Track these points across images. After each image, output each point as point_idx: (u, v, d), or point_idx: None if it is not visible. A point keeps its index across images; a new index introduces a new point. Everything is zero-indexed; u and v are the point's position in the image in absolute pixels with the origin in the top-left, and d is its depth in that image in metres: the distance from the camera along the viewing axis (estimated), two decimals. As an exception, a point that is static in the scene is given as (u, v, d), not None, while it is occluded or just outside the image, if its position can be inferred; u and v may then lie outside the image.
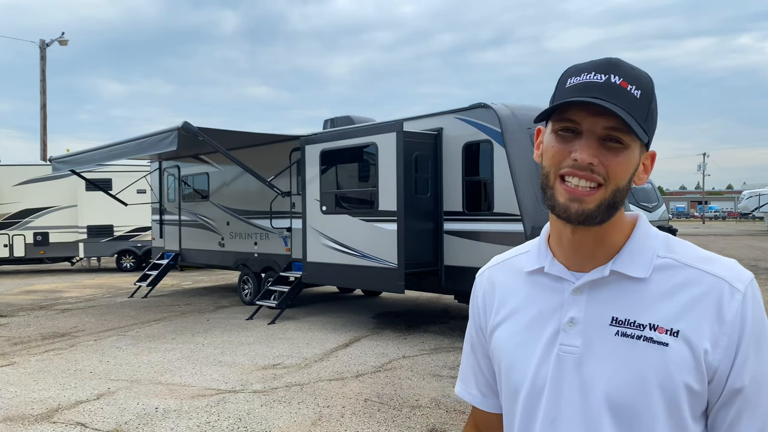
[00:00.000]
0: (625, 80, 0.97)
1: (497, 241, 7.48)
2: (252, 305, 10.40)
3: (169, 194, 13.65)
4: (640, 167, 1.02)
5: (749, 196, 41.63)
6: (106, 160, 10.74)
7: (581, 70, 1.00)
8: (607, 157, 0.96)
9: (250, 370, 6.53)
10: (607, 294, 1.02)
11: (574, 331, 1.02)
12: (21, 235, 17.30)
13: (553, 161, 1.00)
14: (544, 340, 1.05)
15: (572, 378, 1.00)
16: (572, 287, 1.04)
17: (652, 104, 0.99)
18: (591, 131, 0.96)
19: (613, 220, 1.01)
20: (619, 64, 0.99)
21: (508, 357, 1.10)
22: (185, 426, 4.81)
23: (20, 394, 5.72)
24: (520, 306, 1.10)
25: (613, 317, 1.00)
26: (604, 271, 1.01)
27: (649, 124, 0.98)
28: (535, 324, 1.07)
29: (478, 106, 7.76)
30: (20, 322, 9.64)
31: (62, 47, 25.40)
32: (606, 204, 0.98)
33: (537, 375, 1.04)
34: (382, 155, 8.02)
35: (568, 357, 1.01)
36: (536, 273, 1.10)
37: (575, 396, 1.00)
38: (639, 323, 0.98)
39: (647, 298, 0.99)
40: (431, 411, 5.12)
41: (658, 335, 0.96)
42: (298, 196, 9.88)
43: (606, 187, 0.97)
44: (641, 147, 1.00)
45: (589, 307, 1.02)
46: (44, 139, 23.90)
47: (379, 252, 8.04)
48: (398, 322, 9.24)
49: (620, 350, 0.98)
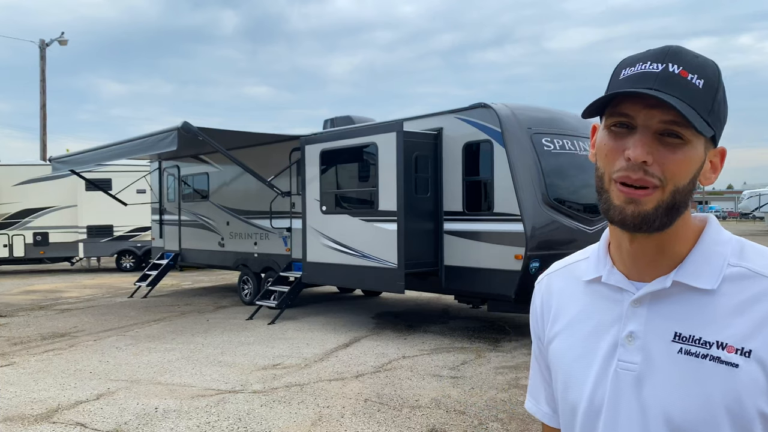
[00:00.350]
0: (685, 69, 0.88)
1: (497, 241, 7.47)
2: (252, 305, 10.40)
3: (168, 194, 13.64)
4: (707, 165, 0.93)
5: (750, 196, 41.64)
6: (105, 160, 10.74)
7: (636, 61, 0.92)
8: (664, 154, 0.88)
9: (250, 370, 6.52)
10: (670, 307, 0.93)
11: (633, 346, 0.94)
12: (21, 235, 17.29)
13: (607, 161, 0.92)
14: (602, 355, 0.97)
15: (631, 398, 0.93)
16: (631, 298, 0.96)
17: (718, 95, 0.90)
18: (646, 126, 0.88)
19: (677, 225, 0.92)
20: (680, 52, 0.90)
21: (564, 372, 1.03)
22: (185, 426, 4.80)
23: (20, 394, 5.72)
24: (578, 317, 1.03)
25: (676, 333, 0.91)
26: (665, 282, 0.93)
27: (714, 117, 0.89)
28: (593, 337, 0.99)
29: (478, 106, 7.75)
30: (20, 322, 9.63)
31: (62, 47, 25.40)
32: (665, 206, 0.89)
33: (594, 393, 0.97)
34: (382, 155, 8.01)
35: (626, 374, 0.94)
36: (595, 282, 1.02)
37: (634, 417, 0.92)
38: (705, 341, 0.89)
39: (715, 312, 0.90)
40: (431, 411, 5.11)
41: (727, 355, 0.87)
42: (298, 196, 9.88)
43: (664, 188, 0.88)
44: (706, 142, 0.91)
45: (650, 321, 0.94)
46: (44, 139, 23.89)
47: (379, 252, 8.03)
48: (398, 322, 9.24)
49: (683, 370, 0.89)
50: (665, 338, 0.92)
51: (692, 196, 0.91)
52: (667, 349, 0.91)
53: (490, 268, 7.54)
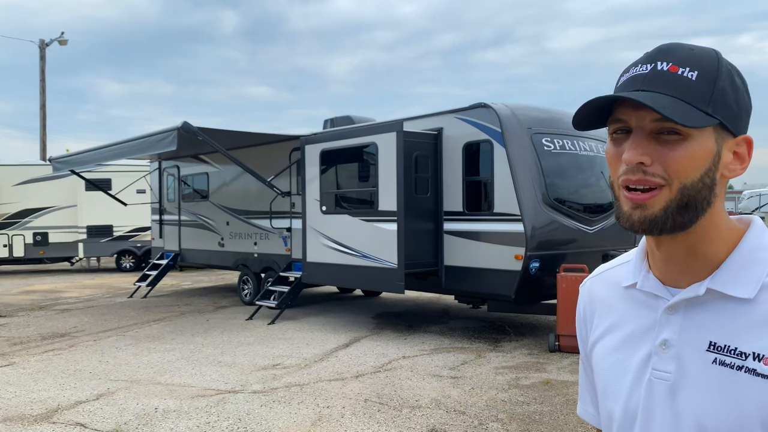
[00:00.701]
0: (675, 64, 0.86)
1: (497, 241, 7.47)
2: (252, 305, 10.40)
3: (168, 194, 13.64)
4: (727, 157, 0.89)
5: (750, 196, 41.57)
6: (105, 160, 10.73)
7: (631, 66, 0.91)
8: (663, 152, 0.85)
9: (250, 370, 6.52)
10: (705, 315, 0.90)
11: (667, 354, 0.91)
12: (20, 235, 17.29)
13: (612, 168, 0.91)
14: (637, 363, 0.95)
15: (664, 407, 0.90)
16: (665, 305, 0.93)
17: (720, 82, 0.86)
18: (640, 126, 0.87)
19: (705, 228, 0.89)
20: (672, 49, 0.89)
21: (602, 378, 1.02)
22: (185, 426, 4.80)
23: (20, 395, 5.72)
24: (616, 323, 1.01)
25: (711, 342, 0.88)
26: (699, 289, 0.89)
27: (718, 106, 0.85)
28: (629, 344, 0.97)
29: (478, 105, 7.75)
30: (20, 323, 9.63)
31: (62, 47, 25.41)
32: (675, 205, 0.86)
33: (629, 401, 0.95)
34: (382, 155, 8.01)
35: (660, 383, 0.91)
36: (631, 288, 0.99)
37: (668, 427, 0.90)
38: (741, 351, 0.85)
39: (753, 322, 0.86)
40: (431, 411, 5.11)
41: (763, 367, 0.83)
42: (298, 196, 9.88)
43: (670, 187, 0.85)
44: (718, 132, 0.87)
45: (685, 329, 0.91)
46: (44, 139, 23.89)
47: (379, 252, 8.03)
48: (398, 322, 9.24)
49: (717, 381, 0.86)
50: (700, 347, 0.89)
51: (713, 191, 0.87)
52: (701, 358, 0.88)
53: (490, 268, 7.54)
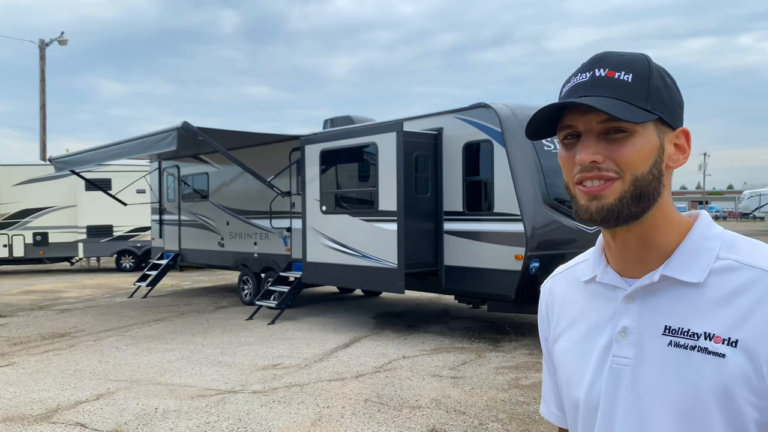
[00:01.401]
0: (611, 69, 0.93)
1: (497, 241, 7.47)
2: (252, 305, 10.40)
3: (168, 194, 13.64)
4: (670, 148, 0.95)
5: (750, 196, 41.65)
6: (105, 160, 10.73)
7: (571, 76, 0.98)
8: (613, 149, 0.91)
9: (250, 370, 6.52)
10: (660, 301, 0.95)
11: (626, 341, 0.96)
12: (20, 235, 17.29)
13: (566, 171, 0.97)
14: (599, 352, 1.00)
15: (626, 392, 0.95)
16: (624, 294, 0.98)
17: (653, 81, 0.93)
18: (588, 129, 0.93)
19: (656, 217, 0.95)
20: (605, 57, 0.95)
21: (566, 371, 1.06)
22: (185, 426, 4.80)
23: (20, 395, 5.71)
24: (578, 317, 1.06)
25: (666, 326, 0.93)
26: (653, 277, 0.95)
27: (655, 102, 0.92)
28: (590, 335, 1.02)
29: (478, 105, 7.75)
30: (19, 323, 9.63)
31: (62, 47, 25.42)
32: (629, 196, 0.91)
33: (591, 389, 1.00)
34: (382, 155, 8.01)
35: (621, 369, 0.96)
36: (591, 282, 1.05)
37: (630, 411, 0.94)
38: (693, 332, 0.91)
39: (703, 304, 0.92)
40: (431, 411, 5.11)
41: (714, 345, 0.88)
42: (298, 196, 9.88)
43: (623, 179, 0.91)
44: (658, 128, 0.93)
45: (642, 316, 0.96)
46: (44, 139, 23.88)
47: (379, 252, 8.03)
48: (398, 322, 9.24)
49: (674, 362, 0.91)
50: (656, 332, 0.94)
51: (661, 182, 0.94)
52: (658, 342, 0.93)
53: (490, 268, 7.54)
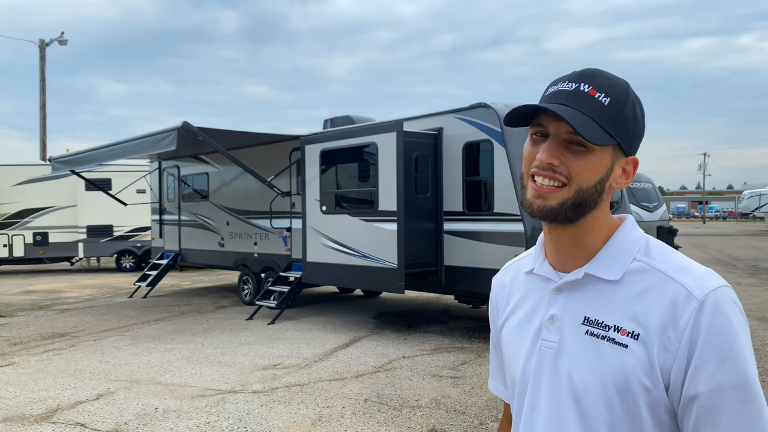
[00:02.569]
0: (594, 88, 1.01)
1: (497, 241, 7.47)
2: (252, 305, 10.40)
3: (168, 194, 13.64)
4: (617, 171, 1.06)
5: (750, 196, 41.64)
6: (105, 160, 10.73)
7: (559, 80, 1.06)
8: (570, 158, 1.02)
9: (250, 370, 6.52)
10: (583, 294, 1.07)
11: (553, 327, 1.08)
12: (20, 235, 17.29)
13: (525, 162, 1.07)
14: (532, 335, 1.12)
15: (550, 371, 1.08)
16: (554, 286, 1.10)
17: (625, 111, 1.02)
18: (556, 135, 1.02)
19: (589, 222, 1.06)
20: (594, 74, 1.04)
21: (507, 351, 1.19)
22: (185, 426, 4.80)
23: (20, 394, 5.71)
24: (519, 304, 1.19)
25: (585, 317, 1.05)
26: (578, 274, 1.07)
27: (619, 129, 1.02)
28: (527, 320, 1.15)
29: (478, 105, 7.75)
30: (20, 322, 9.63)
31: (62, 47, 25.41)
32: (570, 203, 1.02)
33: (525, 367, 1.12)
34: (382, 155, 8.01)
35: (547, 351, 1.08)
36: (531, 273, 1.17)
37: (552, 388, 1.07)
38: (605, 324, 1.03)
39: (617, 300, 1.03)
40: (431, 411, 5.11)
41: (620, 337, 1.00)
42: (298, 196, 9.88)
43: (569, 187, 1.02)
44: (614, 152, 1.04)
45: (568, 306, 1.08)
46: (44, 139, 23.89)
47: (379, 252, 8.03)
48: (398, 322, 9.24)
49: (587, 348, 1.03)
50: (577, 321, 1.06)
51: (601, 196, 1.05)
52: (577, 330, 1.06)
53: (490, 268, 7.53)
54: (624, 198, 9.34)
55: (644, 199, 18.94)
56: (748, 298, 10.86)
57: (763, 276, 14.42)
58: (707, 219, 73.31)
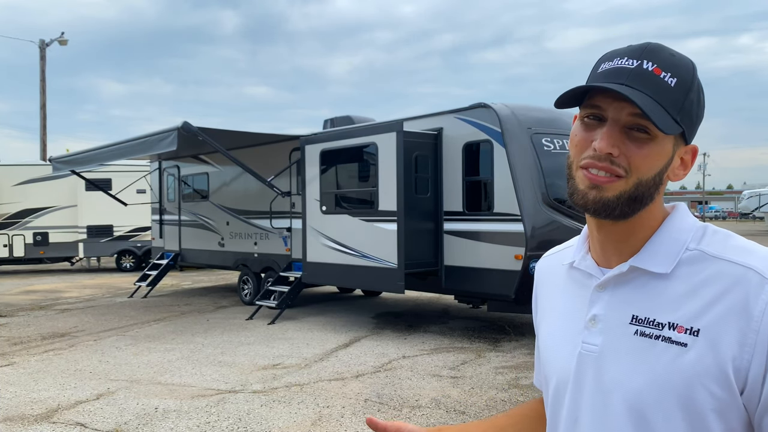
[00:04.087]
0: (659, 67, 0.90)
1: (497, 241, 7.47)
2: (252, 305, 10.40)
3: (168, 194, 13.65)
4: (676, 162, 0.95)
5: (749, 196, 41.65)
6: (106, 160, 10.74)
7: (615, 56, 0.94)
8: (630, 147, 0.91)
9: (250, 370, 6.52)
10: (629, 291, 0.96)
11: (596, 329, 0.98)
12: (21, 235, 17.29)
13: (576, 150, 0.96)
14: (571, 336, 1.02)
15: (592, 378, 0.96)
16: (596, 283, 1.00)
17: (691, 94, 0.91)
18: (615, 119, 0.91)
19: (642, 218, 0.96)
20: (657, 50, 0.92)
21: (544, 351, 1.09)
22: (185, 426, 4.80)
23: (20, 394, 5.72)
24: (558, 300, 1.09)
25: (633, 315, 0.94)
26: (623, 267, 0.96)
27: (684, 115, 0.91)
28: (566, 319, 1.05)
29: (478, 105, 7.75)
30: (20, 322, 9.63)
31: (62, 47, 25.40)
32: (627, 196, 0.92)
33: (562, 372, 1.02)
34: (382, 155, 8.01)
35: (588, 356, 0.97)
36: (572, 267, 1.07)
37: (596, 396, 0.96)
38: (658, 322, 0.91)
39: (669, 294, 0.92)
40: (431, 411, 5.11)
41: (677, 335, 0.89)
42: (298, 196, 9.88)
43: (627, 179, 0.91)
44: (676, 139, 0.93)
45: (611, 305, 0.97)
46: (44, 139, 23.89)
47: (379, 252, 8.03)
48: (398, 322, 9.24)
49: (638, 351, 0.92)
50: (623, 321, 0.95)
51: (658, 189, 0.94)
52: (624, 331, 0.94)
53: (490, 268, 7.54)
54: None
55: (644, 199, 18.86)
56: (748, 298, 10.86)
57: (763, 276, 14.42)
58: (707, 219, 73.34)
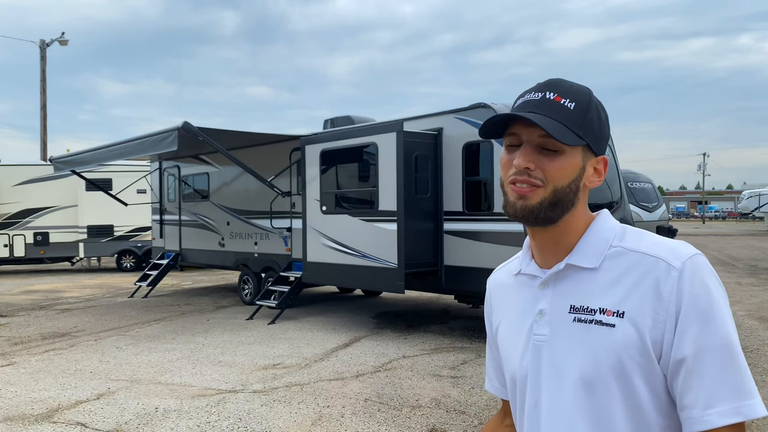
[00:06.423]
0: (559, 95, 1.09)
1: (497, 241, 7.48)
2: (252, 305, 10.41)
3: (169, 194, 13.65)
4: (589, 170, 1.13)
5: (749, 196, 41.66)
6: (106, 160, 10.74)
7: (526, 92, 1.14)
8: (543, 161, 1.08)
9: (250, 370, 6.53)
10: (567, 285, 1.13)
11: (543, 321, 1.14)
12: (21, 235, 17.30)
13: (504, 170, 1.14)
14: (525, 332, 1.18)
15: (546, 364, 1.12)
16: (539, 282, 1.17)
17: (590, 113, 1.10)
18: (528, 140, 1.09)
19: (568, 221, 1.13)
20: (557, 83, 1.12)
21: (503, 351, 1.25)
22: (185, 426, 4.81)
23: (20, 394, 5.72)
24: (510, 305, 1.25)
25: (571, 305, 1.11)
26: (560, 265, 1.13)
27: (587, 131, 1.09)
28: (519, 319, 1.20)
29: (478, 106, 7.76)
30: (20, 322, 9.64)
31: (62, 47, 25.41)
32: (548, 202, 1.09)
33: (521, 363, 1.17)
34: (382, 155, 8.02)
35: (540, 345, 1.14)
36: (519, 274, 1.23)
37: (551, 380, 1.12)
38: (591, 308, 1.09)
39: (598, 285, 1.10)
40: (431, 411, 5.12)
41: (607, 318, 1.06)
42: (298, 196, 9.89)
43: (545, 188, 1.09)
44: (584, 152, 1.11)
45: (554, 299, 1.14)
46: (44, 139, 23.90)
47: (379, 252, 8.04)
48: (398, 322, 9.25)
49: (577, 335, 1.09)
50: (564, 311, 1.12)
51: (577, 195, 1.12)
52: (566, 319, 1.11)
53: (491, 268, 7.50)
54: (623, 198, 9.34)
55: (644, 199, 18.92)
56: (748, 298, 10.87)
57: (762, 276, 14.42)
58: (707, 219, 73.29)
